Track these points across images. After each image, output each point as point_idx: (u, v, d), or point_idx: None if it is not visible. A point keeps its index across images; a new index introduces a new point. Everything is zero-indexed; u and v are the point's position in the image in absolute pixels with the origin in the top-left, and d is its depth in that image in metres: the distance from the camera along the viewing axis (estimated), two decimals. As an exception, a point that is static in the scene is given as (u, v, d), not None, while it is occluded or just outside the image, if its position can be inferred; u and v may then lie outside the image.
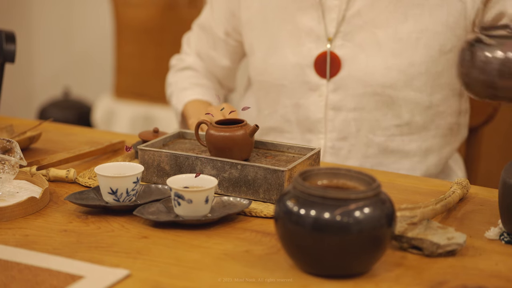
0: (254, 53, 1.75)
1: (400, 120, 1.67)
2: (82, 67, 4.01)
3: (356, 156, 1.69)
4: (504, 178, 1.19)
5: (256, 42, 1.74)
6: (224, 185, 1.36)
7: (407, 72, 1.63)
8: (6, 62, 1.72)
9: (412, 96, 1.65)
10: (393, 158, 1.70)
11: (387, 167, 1.70)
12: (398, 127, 1.67)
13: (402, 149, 1.69)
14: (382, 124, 1.67)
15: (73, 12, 3.98)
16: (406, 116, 1.67)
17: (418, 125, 1.68)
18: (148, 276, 1.09)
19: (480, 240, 1.22)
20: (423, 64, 1.63)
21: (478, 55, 1.15)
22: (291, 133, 1.74)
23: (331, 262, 1.07)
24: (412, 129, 1.68)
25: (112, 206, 1.29)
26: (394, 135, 1.68)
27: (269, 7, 1.71)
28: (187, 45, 1.90)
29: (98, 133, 1.85)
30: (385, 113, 1.66)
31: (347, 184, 1.15)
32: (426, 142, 1.71)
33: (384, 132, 1.68)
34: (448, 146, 1.74)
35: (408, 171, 1.71)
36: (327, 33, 1.65)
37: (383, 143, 1.68)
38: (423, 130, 1.69)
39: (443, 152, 1.73)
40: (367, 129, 1.67)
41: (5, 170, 1.33)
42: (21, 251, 1.16)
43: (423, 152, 1.71)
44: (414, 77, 1.63)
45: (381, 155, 1.69)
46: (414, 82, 1.64)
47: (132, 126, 3.47)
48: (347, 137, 1.69)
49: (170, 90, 1.87)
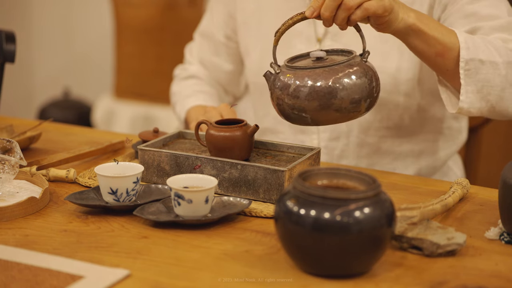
0: (249, 55, 1.76)
1: (390, 123, 1.68)
2: (82, 67, 4.01)
3: (350, 156, 1.70)
4: (504, 178, 1.19)
5: (251, 44, 1.75)
6: (224, 185, 1.36)
7: (395, 77, 1.64)
8: (6, 62, 1.72)
9: (401, 100, 1.66)
10: (387, 159, 1.71)
11: (382, 167, 1.71)
12: (389, 129, 1.69)
13: (393, 150, 1.70)
14: (373, 125, 1.68)
15: (73, 12, 3.98)
16: (396, 119, 1.68)
17: (408, 129, 1.69)
18: (148, 276, 1.09)
19: (480, 240, 1.22)
20: (410, 70, 1.64)
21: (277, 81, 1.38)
22: (284, 134, 1.75)
23: (331, 262, 1.07)
24: (402, 132, 1.69)
25: (112, 206, 1.29)
26: (385, 136, 1.69)
27: (263, 8, 1.72)
28: (190, 55, 1.91)
29: (98, 133, 1.85)
30: (375, 114, 1.67)
31: (347, 184, 1.15)
32: (418, 145, 1.72)
33: (376, 132, 1.69)
34: (442, 151, 1.74)
35: (402, 172, 1.71)
36: (317, 33, 1.66)
37: (375, 144, 1.69)
38: (413, 134, 1.70)
39: (437, 155, 1.74)
40: (358, 129, 1.69)
41: (5, 170, 1.33)
42: (21, 251, 1.16)
43: (415, 155, 1.72)
44: (402, 83, 1.64)
45: (375, 156, 1.70)
46: (402, 88, 1.65)
47: (132, 126, 3.47)
48: (339, 137, 1.70)
49: (175, 99, 1.87)
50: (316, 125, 1.38)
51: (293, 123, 1.39)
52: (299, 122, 1.38)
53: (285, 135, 1.75)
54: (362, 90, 1.34)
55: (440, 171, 1.78)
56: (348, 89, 1.33)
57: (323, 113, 1.34)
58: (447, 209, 1.30)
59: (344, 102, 1.33)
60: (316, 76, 1.33)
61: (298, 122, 1.38)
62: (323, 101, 1.33)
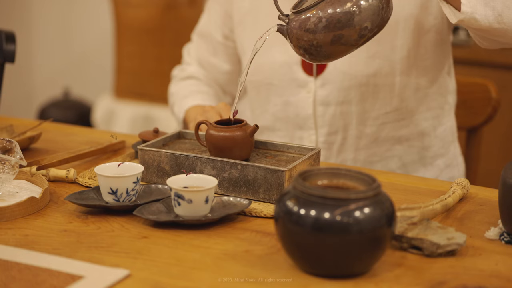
0: (245, 54, 1.77)
1: (389, 107, 1.69)
2: (82, 67, 4.01)
3: (349, 149, 1.71)
4: (504, 178, 1.19)
5: (247, 43, 1.75)
6: (224, 185, 1.36)
7: (390, 58, 1.65)
8: (6, 62, 1.72)
9: (398, 81, 1.66)
10: (386, 146, 1.72)
11: (380, 156, 1.71)
12: (388, 114, 1.69)
13: (393, 135, 1.71)
14: (372, 115, 1.69)
15: (73, 12, 3.98)
16: (395, 102, 1.68)
17: (408, 109, 1.70)
18: (148, 276, 1.09)
19: (480, 240, 1.22)
20: (404, 47, 1.65)
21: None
22: (282, 131, 1.76)
23: (331, 262, 1.07)
24: (402, 114, 1.70)
25: (112, 206, 1.29)
26: (384, 123, 1.70)
27: (259, 7, 1.72)
28: (188, 55, 1.91)
29: (98, 133, 1.85)
30: (373, 103, 1.68)
31: (347, 184, 1.15)
32: (418, 126, 1.72)
33: (374, 122, 1.70)
34: (441, 126, 1.75)
35: (402, 157, 1.73)
36: None
37: (374, 133, 1.71)
38: (414, 113, 1.71)
39: (437, 132, 1.75)
40: (357, 121, 1.70)
41: (5, 170, 1.33)
42: (21, 251, 1.16)
43: (416, 136, 1.73)
44: (397, 62, 1.65)
45: (373, 145, 1.72)
46: (398, 67, 1.66)
47: (132, 126, 3.47)
48: (337, 131, 1.71)
49: (172, 100, 1.87)
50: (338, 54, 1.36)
51: (315, 60, 1.38)
52: (329, 53, 1.36)
53: (283, 132, 1.76)
54: (373, 11, 1.32)
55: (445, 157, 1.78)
56: (362, 11, 1.32)
57: (338, 40, 1.33)
58: (447, 209, 1.30)
59: (361, 21, 1.32)
60: (324, 7, 1.33)
61: (325, 54, 1.36)
62: (339, 26, 1.32)
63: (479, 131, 1.98)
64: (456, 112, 1.86)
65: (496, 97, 1.92)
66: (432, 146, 1.76)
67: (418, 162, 1.76)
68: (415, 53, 1.66)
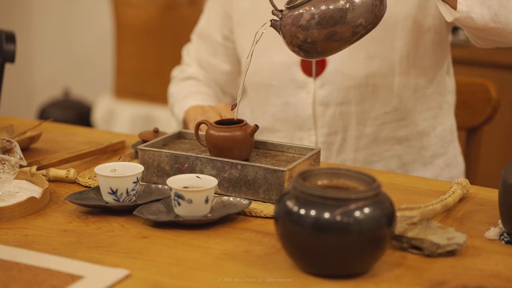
0: (245, 54, 1.77)
1: (389, 107, 1.69)
2: (82, 67, 4.01)
3: (349, 149, 1.72)
4: (504, 178, 1.19)
5: (247, 43, 1.75)
6: (224, 185, 1.36)
7: (389, 58, 1.65)
8: (6, 62, 1.72)
9: (397, 81, 1.67)
10: (385, 146, 1.72)
11: (380, 156, 1.72)
12: (387, 115, 1.70)
13: (392, 135, 1.72)
14: (371, 115, 1.69)
15: (73, 12, 3.98)
16: (394, 102, 1.69)
17: (407, 109, 1.70)
18: (148, 276, 1.09)
19: (480, 240, 1.22)
20: (403, 47, 1.65)
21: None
22: (282, 132, 1.76)
23: (331, 262, 1.07)
24: (401, 114, 1.71)
25: (112, 206, 1.29)
26: (384, 123, 1.70)
27: (259, 7, 1.72)
28: (187, 56, 1.91)
29: (98, 133, 1.85)
30: (372, 103, 1.68)
31: (347, 184, 1.15)
32: (418, 126, 1.72)
33: (373, 122, 1.70)
34: (440, 125, 1.75)
35: (401, 157, 1.73)
36: None
37: (373, 133, 1.71)
38: (413, 113, 1.71)
39: (437, 132, 1.75)
40: (356, 121, 1.70)
41: (5, 170, 1.33)
42: (21, 251, 1.16)
43: (415, 136, 1.73)
44: (396, 62, 1.66)
45: (373, 145, 1.72)
46: (397, 67, 1.66)
47: (132, 126, 3.47)
48: (337, 132, 1.71)
49: (172, 101, 1.87)
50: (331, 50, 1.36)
51: (308, 57, 1.37)
52: (320, 49, 1.35)
53: (283, 132, 1.76)
54: (367, 8, 1.32)
55: (445, 156, 1.78)
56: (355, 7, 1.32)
57: (332, 37, 1.33)
58: (447, 209, 1.30)
59: (355, 18, 1.32)
60: (317, 3, 1.33)
61: (317, 50, 1.36)
62: (332, 22, 1.32)
63: (479, 131, 1.98)
64: (456, 112, 1.86)
65: (496, 97, 1.92)
66: (431, 146, 1.76)
67: (418, 161, 1.76)
68: (414, 53, 1.66)
